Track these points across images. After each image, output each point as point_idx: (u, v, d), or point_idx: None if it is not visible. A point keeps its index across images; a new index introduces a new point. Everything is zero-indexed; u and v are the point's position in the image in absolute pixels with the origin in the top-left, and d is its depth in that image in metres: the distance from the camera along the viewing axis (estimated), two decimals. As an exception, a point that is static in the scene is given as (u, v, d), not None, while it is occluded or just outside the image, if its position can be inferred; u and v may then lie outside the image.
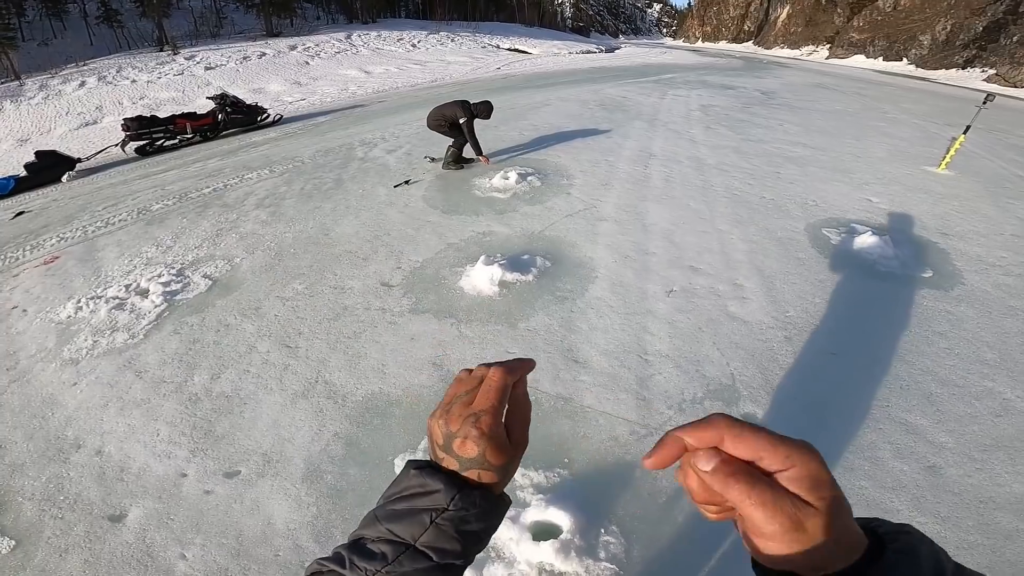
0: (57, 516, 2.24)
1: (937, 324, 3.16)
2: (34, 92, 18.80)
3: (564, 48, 34.94)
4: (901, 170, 6.24)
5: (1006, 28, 25.10)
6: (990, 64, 24.68)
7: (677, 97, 11.84)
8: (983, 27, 26.13)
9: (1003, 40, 24.88)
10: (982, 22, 26.28)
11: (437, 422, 0.48)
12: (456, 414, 0.47)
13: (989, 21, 25.98)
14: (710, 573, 1.86)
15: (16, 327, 3.88)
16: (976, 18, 26.72)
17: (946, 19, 28.66)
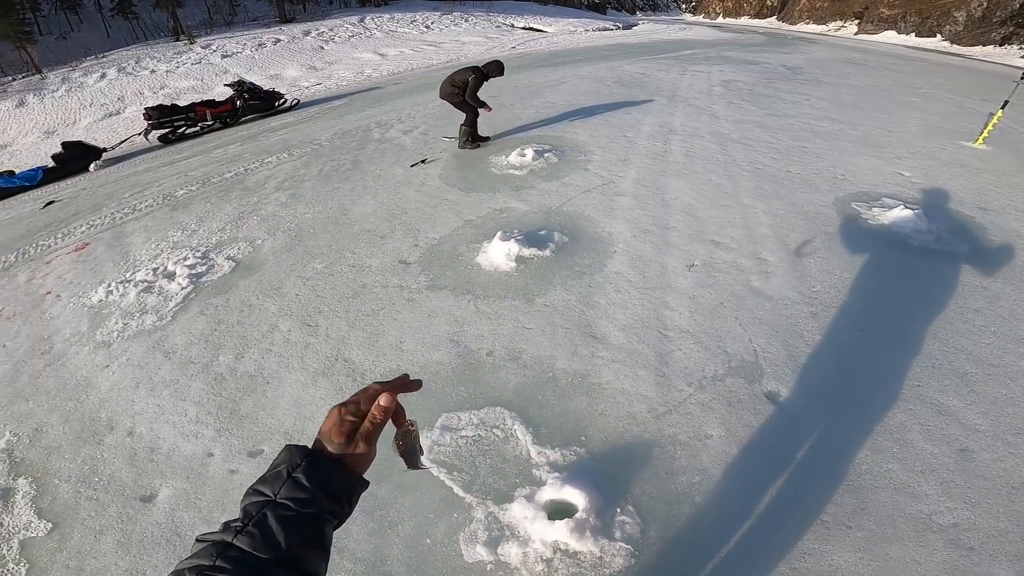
0: (92, 498, 2.31)
1: (972, 301, 3.03)
2: (56, 85, 19.17)
3: (580, 26, 34.19)
4: (935, 144, 5.97)
5: (1046, 5, 23.75)
6: (1029, 41, 23.38)
7: (698, 73, 11.50)
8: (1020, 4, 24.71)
9: (1042, 17, 23.55)
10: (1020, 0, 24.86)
11: None
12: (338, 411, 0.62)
13: (1028, -1, 24.54)
14: (729, 555, 1.83)
15: (50, 312, 4.00)
16: (1014, -5, 25.26)
17: None
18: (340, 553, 1.93)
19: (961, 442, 2.17)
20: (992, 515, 1.88)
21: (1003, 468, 2.05)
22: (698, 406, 2.43)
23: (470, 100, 5.96)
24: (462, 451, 2.30)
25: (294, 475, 0.53)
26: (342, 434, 0.59)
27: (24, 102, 17.67)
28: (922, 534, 1.83)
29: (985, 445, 2.15)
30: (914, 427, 2.24)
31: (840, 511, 1.92)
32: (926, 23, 30.67)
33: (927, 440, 2.18)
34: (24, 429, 2.79)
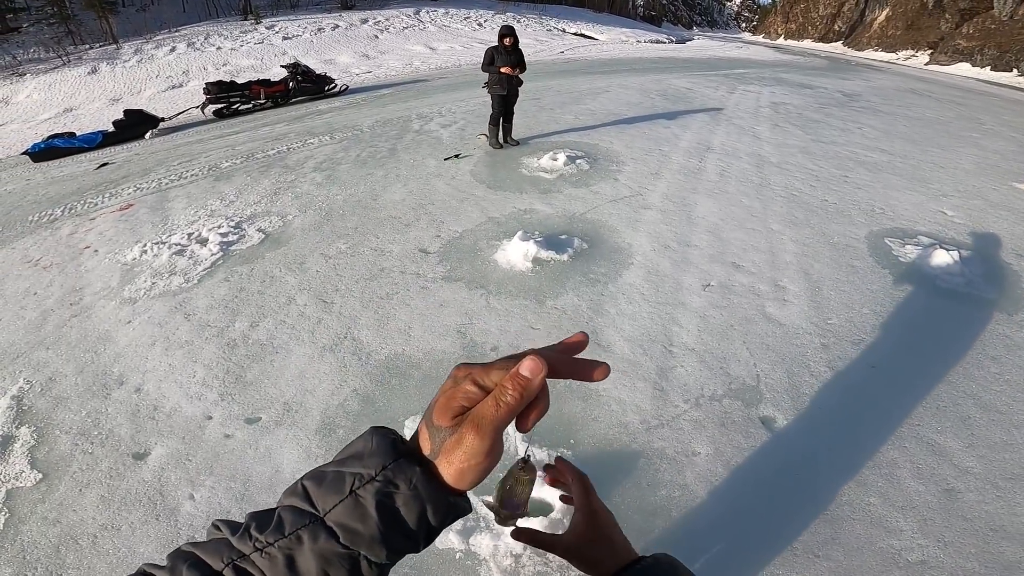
0: (87, 451, 2.41)
1: (992, 348, 2.90)
2: (129, 56, 20.23)
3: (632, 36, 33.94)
4: (986, 184, 5.70)
5: None
6: (1110, 81, 21.95)
7: (747, 92, 11.27)
8: None
9: None
10: (1108, 36, 23.35)
11: None
12: None
13: (1114, 36, 23.05)
14: (698, 572, 1.82)
15: (86, 265, 4.25)
16: (1101, 32, 23.76)
17: None
18: None
19: (949, 482, 2.09)
20: (963, 555, 1.82)
21: (986, 511, 1.98)
22: (690, 423, 2.41)
23: (484, 71, 5.95)
24: (452, 440, 2.35)
25: (358, 492, 0.34)
26: (448, 414, 0.36)
27: (96, 70, 18.70)
28: (887, 569, 1.78)
29: (973, 487, 2.08)
30: (905, 464, 2.17)
31: (812, 539, 1.88)
32: (1004, 57, 29.17)
33: (915, 478, 2.11)
34: (38, 377, 2.95)
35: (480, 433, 0.34)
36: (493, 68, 5.81)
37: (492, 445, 0.35)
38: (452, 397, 0.36)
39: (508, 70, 5.75)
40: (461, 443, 0.34)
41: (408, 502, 0.34)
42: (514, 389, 0.35)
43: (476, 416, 0.35)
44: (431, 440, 0.36)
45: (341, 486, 0.35)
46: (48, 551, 1.97)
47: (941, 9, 39.11)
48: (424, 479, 0.35)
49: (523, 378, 0.35)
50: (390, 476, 0.35)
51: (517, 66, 5.82)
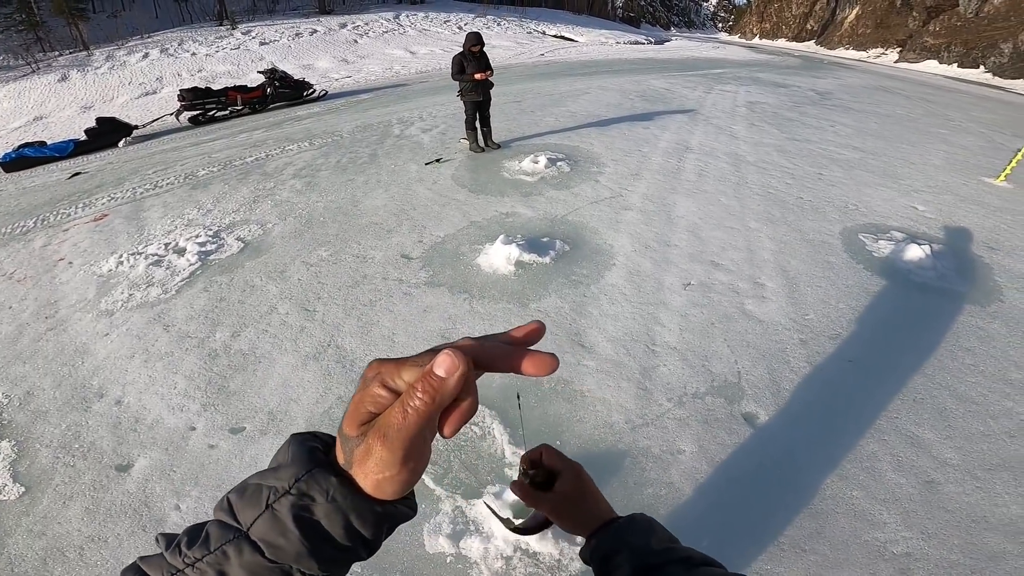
0: (69, 464, 2.38)
1: (966, 340, 2.99)
2: (101, 62, 19.79)
3: (611, 38, 34.23)
4: (956, 179, 5.87)
5: (1097, 40, 23.06)
6: (1075, 76, 22.71)
7: (724, 92, 11.44)
8: None
9: (1093, 52, 22.89)
10: (1072, 32, 24.18)
11: None
12: None
13: (1079, 34, 23.88)
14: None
15: (61, 278, 4.16)
16: (1066, 27, 24.59)
17: None
18: None
19: (929, 474, 2.15)
20: (946, 547, 1.87)
21: (967, 502, 2.04)
22: (675, 421, 2.44)
23: (455, 80, 5.95)
24: (438, 444, 2.35)
25: (274, 506, 0.32)
26: (355, 422, 0.33)
27: (67, 77, 18.26)
28: (873, 562, 1.83)
29: (953, 478, 2.14)
30: (885, 457, 2.23)
31: (798, 534, 1.92)
32: (970, 54, 29.97)
33: (895, 470, 2.17)
34: (16, 391, 2.90)
35: (388, 444, 0.31)
36: (466, 76, 5.83)
37: (405, 455, 0.31)
38: (360, 402, 0.33)
39: (481, 75, 5.78)
40: (370, 454, 0.31)
41: (329, 514, 0.32)
42: (424, 392, 0.30)
43: (382, 425, 0.31)
44: (343, 450, 0.33)
45: (259, 500, 0.33)
46: (35, 563, 1.95)
47: (909, 7, 40.10)
48: (342, 490, 0.32)
49: (436, 378, 0.31)
50: (303, 488, 0.32)
51: (487, 69, 5.84)
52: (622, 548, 0.56)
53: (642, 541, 0.56)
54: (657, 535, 0.57)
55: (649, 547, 0.55)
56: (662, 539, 0.57)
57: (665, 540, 0.57)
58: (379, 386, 0.32)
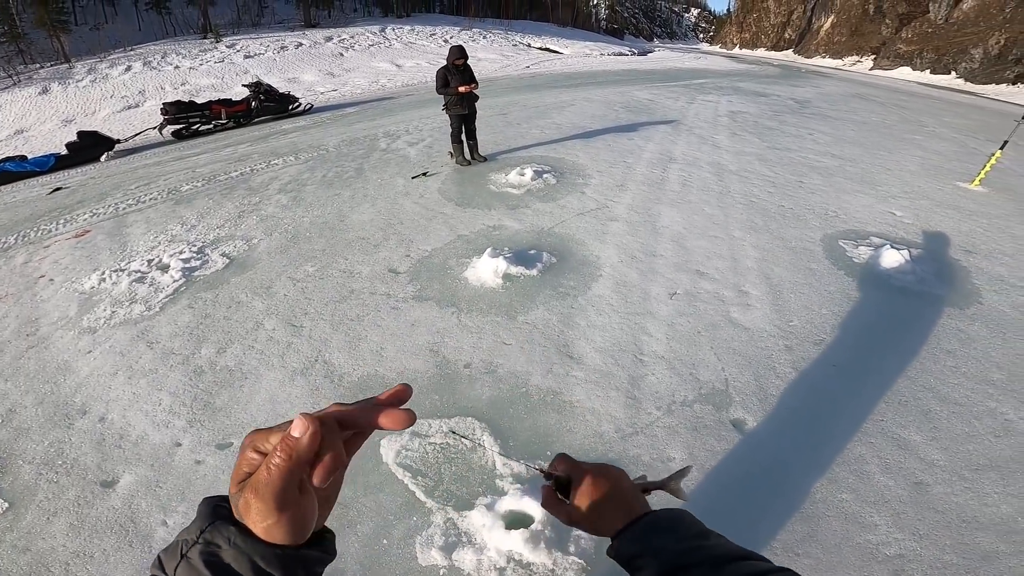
0: (52, 480, 2.34)
1: (947, 342, 3.06)
2: (82, 75, 19.60)
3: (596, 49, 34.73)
4: (932, 184, 6.03)
5: (1062, 43, 23.88)
6: (1042, 80, 23.47)
7: (706, 102, 11.66)
8: None
9: (1058, 55, 23.69)
10: (1038, 37, 25.01)
11: None
12: None
13: (1046, 36, 24.71)
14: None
15: (42, 295, 4.08)
16: (1032, 32, 25.43)
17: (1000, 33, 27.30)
18: None
19: (917, 476, 2.19)
20: (939, 547, 1.90)
21: (956, 502, 2.07)
22: (664, 429, 2.46)
23: (440, 94, 5.96)
24: (429, 457, 2.34)
25: (188, 555, 0.37)
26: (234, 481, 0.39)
27: (48, 90, 18.05)
28: (867, 564, 1.85)
29: (941, 479, 2.18)
30: (873, 459, 2.27)
31: (790, 538, 1.94)
32: (942, 60, 30.81)
33: (883, 472, 2.20)
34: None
35: (259, 497, 0.36)
36: (450, 89, 5.85)
37: (277, 505, 0.35)
38: (238, 465, 0.38)
39: (466, 88, 5.81)
40: (249, 507, 0.36)
41: (236, 558, 0.36)
42: (282, 451, 0.36)
43: (253, 482, 0.36)
44: (233, 506, 0.38)
45: (176, 551, 0.37)
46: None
47: (881, 14, 41.26)
48: (241, 536, 0.37)
49: (291, 439, 0.36)
50: (208, 538, 0.37)
51: (472, 82, 5.89)
52: (644, 551, 0.55)
53: (665, 541, 0.55)
54: (683, 532, 0.56)
55: (673, 547, 0.54)
56: (688, 536, 0.55)
57: (691, 537, 0.56)
58: (251, 451, 0.38)
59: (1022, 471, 2.22)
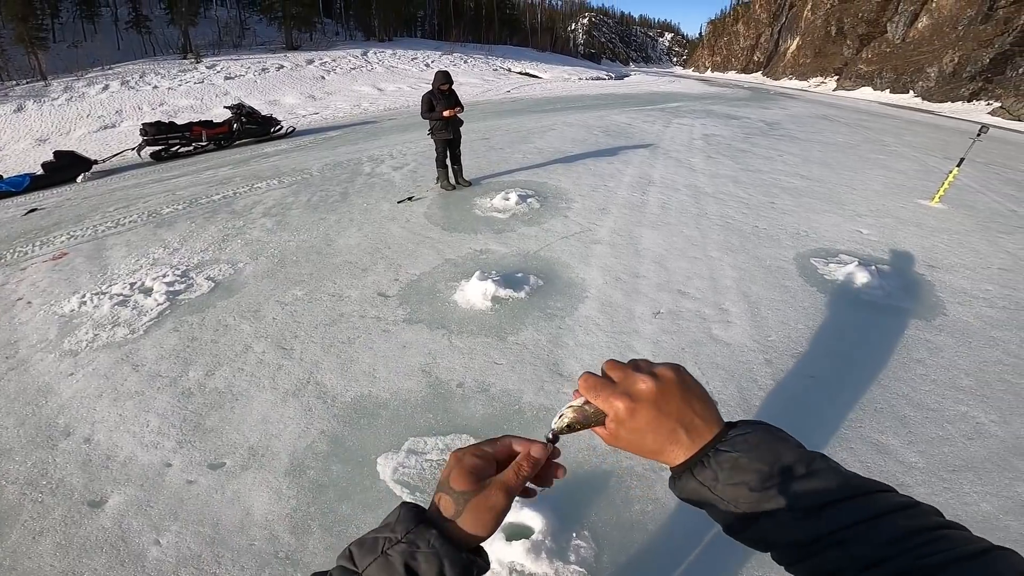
0: (37, 500, 2.30)
1: (916, 352, 3.23)
2: (58, 93, 19.32)
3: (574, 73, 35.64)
4: (895, 203, 6.36)
5: (1012, 60, 25.14)
6: (995, 97, 24.74)
7: (681, 126, 12.09)
8: (990, 59, 26.21)
9: (1009, 72, 24.94)
10: (989, 54, 26.33)
11: None
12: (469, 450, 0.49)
13: (996, 53, 26.07)
14: (680, 578, 1.92)
15: (20, 318, 4.01)
16: (983, 50, 26.79)
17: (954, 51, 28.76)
18: (295, 565, 1.97)
19: (898, 478, 2.30)
20: None
21: (937, 502, 2.18)
22: (652, 445, 2.54)
23: (424, 119, 6.09)
24: (426, 473, 2.37)
25: (388, 552, 0.42)
26: (464, 478, 0.46)
27: (23, 108, 17.74)
28: None
29: (921, 481, 2.30)
30: (854, 464, 2.37)
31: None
32: (900, 79, 32.30)
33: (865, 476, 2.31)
34: None
35: (507, 493, 0.46)
36: (435, 114, 5.98)
37: (510, 502, 0.46)
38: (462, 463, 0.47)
39: (450, 113, 5.95)
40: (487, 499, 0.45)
41: (428, 559, 0.42)
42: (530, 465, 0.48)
43: (502, 481, 0.46)
44: (455, 503, 0.45)
45: (375, 548, 0.43)
46: (7, 597, 1.88)
47: (843, 35, 43.35)
48: (440, 539, 0.43)
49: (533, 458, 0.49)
50: (412, 538, 0.43)
51: (456, 106, 6.03)
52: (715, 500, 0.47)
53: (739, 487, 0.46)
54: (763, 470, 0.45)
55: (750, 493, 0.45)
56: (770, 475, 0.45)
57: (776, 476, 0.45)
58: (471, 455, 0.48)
59: (997, 471, 2.36)
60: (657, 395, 0.48)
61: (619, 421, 0.49)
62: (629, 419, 0.49)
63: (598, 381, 0.51)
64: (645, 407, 0.48)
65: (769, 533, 0.45)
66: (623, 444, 0.51)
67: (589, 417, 0.51)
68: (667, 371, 0.50)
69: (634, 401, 0.48)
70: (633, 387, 0.49)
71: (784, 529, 0.44)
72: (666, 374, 0.50)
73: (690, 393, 0.50)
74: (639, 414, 0.48)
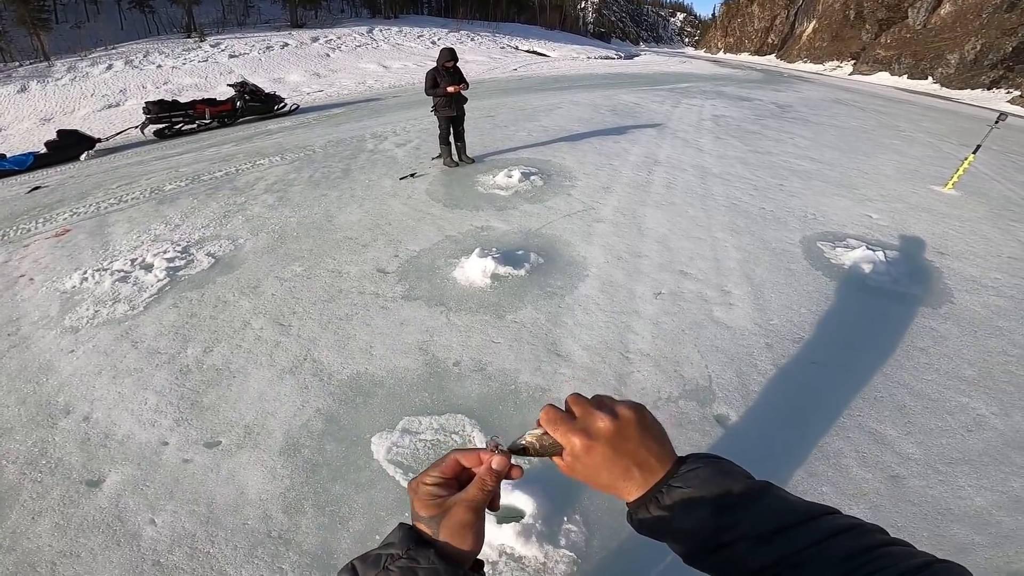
0: (36, 480, 2.31)
1: (920, 340, 3.17)
2: (62, 73, 19.21)
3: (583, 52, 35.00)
4: (907, 188, 6.22)
5: (1035, 48, 24.66)
6: (1016, 85, 24.22)
7: (691, 107, 11.84)
8: (1012, 48, 25.65)
9: (1031, 61, 24.46)
10: (1012, 43, 25.77)
11: None
12: None
13: (1019, 41, 25.48)
14: (669, 565, 1.89)
15: (22, 295, 4.02)
16: (1007, 38, 26.19)
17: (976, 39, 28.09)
18: (287, 545, 1.97)
19: (894, 469, 2.27)
20: (916, 540, 1.96)
21: (931, 495, 2.15)
22: (649, 426, 2.51)
23: (428, 95, 6.01)
24: (420, 453, 2.36)
25: (389, 567, 0.45)
26: (425, 506, 0.48)
27: (26, 88, 17.67)
28: None
29: (916, 472, 2.26)
30: (850, 453, 2.34)
31: (769, 532, 2.00)
32: (919, 65, 31.56)
33: (861, 466, 2.28)
34: None
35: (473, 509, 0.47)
36: (439, 90, 5.89)
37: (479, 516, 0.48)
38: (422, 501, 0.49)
39: (454, 88, 5.85)
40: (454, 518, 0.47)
41: (428, 573, 0.44)
42: (492, 477, 0.49)
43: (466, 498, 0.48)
44: (429, 529, 0.47)
45: (377, 563, 0.45)
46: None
47: (862, 20, 42.21)
48: (438, 556, 0.45)
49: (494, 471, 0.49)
50: (413, 554, 0.45)
51: (461, 83, 5.93)
52: (672, 530, 0.49)
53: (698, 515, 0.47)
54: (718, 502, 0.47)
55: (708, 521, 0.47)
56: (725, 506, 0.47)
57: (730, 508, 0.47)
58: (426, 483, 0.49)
59: (994, 464, 2.31)
60: (614, 434, 0.50)
61: (575, 456, 0.50)
62: (584, 455, 0.50)
63: (559, 415, 0.52)
64: (600, 445, 0.50)
65: (726, 563, 0.47)
66: (579, 476, 0.52)
67: (546, 448, 0.52)
68: (627, 411, 0.51)
69: (591, 439, 0.50)
70: (592, 425, 0.50)
71: (740, 558, 0.45)
72: (626, 414, 0.51)
73: (647, 433, 0.51)
74: (594, 451, 0.50)
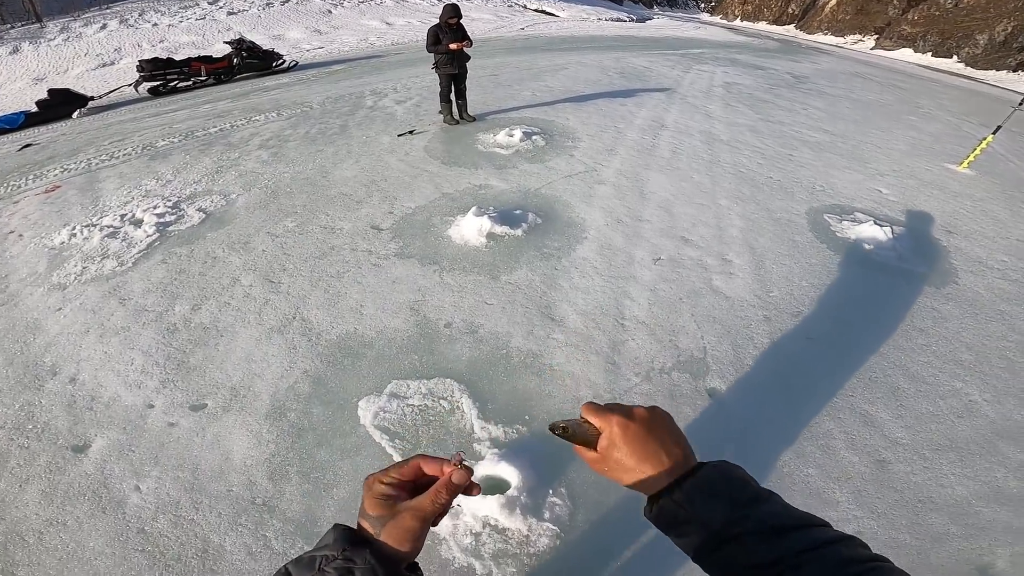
0: (24, 446, 2.27)
1: (920, 320, 3.09)
2: (55, 34, 18.63)
3: (593, 14, 33.78)
4: (920, 164, 6.02)
5: (1069, 34, 23.70)
6: (1043, 68, 23.40)
7: (702, 72, 11.43)
8: None
9: (1063, 46, 23.54)
10: (1045, 26, 24.80)
11: None
12: None
13: (1053, 25, 24.50)
14: (651, 542, 1.85)
15: (10, 251, 3.95)
16: (1041, 21, 25.21)
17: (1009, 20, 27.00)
18: (271, 512, 1.94)
19: (881, 453, 2.22)
20: (895, 527, 1.93)
21: (915, 482, 2.11)
22: (641, 396, 2.46)
23: (429, 52, 5.79)
24: (407, 419, 2.32)
25: (324, 569, 0.45)
26: (375, 505, 0.50)
27: (18, 49, 17.19)
28: None
29: (902, 458, 2.21)
30: (839, 435, 2.29)
31: (755, 510, 1.97)
32: (945, 44, 30.47)
33: (849, 449, 2.23)
34: None
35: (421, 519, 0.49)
36: (441, 47, 5.66)
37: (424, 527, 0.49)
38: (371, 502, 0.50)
39: (457, 46, 5.62)
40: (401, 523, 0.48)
41: (365, 573, 0.45)
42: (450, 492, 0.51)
43: (416, 507, 0.50)
44: (372, 527, 0.49)
45: (312, 565, 0.46)
46: (-5, 549, 1.88)
47: (890, -6, 40.49)
48: (374, 556, 0.46)
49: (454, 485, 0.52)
50: (349, 555, 0.46)
51: (464, 40, 5.69)
52: (691, 518, 0.52)
53: (715, 507, 0.51)
54: (736, 495, 0.51)
55: (723, 514, 0.50)
56: (741, 502, 0.51)
57: (744, 503, 0.51)
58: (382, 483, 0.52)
59: (980, 453, 2.26)
60: (649, 419, 0.56)
61: (611, 439, 0.55)
62: (621, 435, 0.55)
63: (598, 405, 0.58)
64: (636, 426, 0.55)
65: (735, 555, 0.49)
66: (609, 465, 0.56)
67: (580, 434, 0.57)
68: (656, 407, 0.59)
69: (629, 419, 0.55)
70: (630, 411, 0.57)
71: (748, 551, 0.48)
72: (656, 408, 0.58)
73: (675, 428, 0.58)
74: (630, 432, 0.55)
